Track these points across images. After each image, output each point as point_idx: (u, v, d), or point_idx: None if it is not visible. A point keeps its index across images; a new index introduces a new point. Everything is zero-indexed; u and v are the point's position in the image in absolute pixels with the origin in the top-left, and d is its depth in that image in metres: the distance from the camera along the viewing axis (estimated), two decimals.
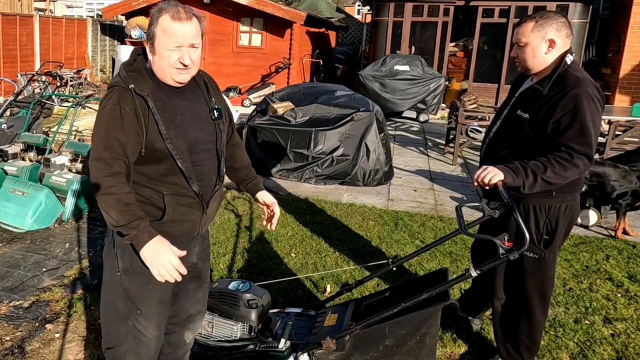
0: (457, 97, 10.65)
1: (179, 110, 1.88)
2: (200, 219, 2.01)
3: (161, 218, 1.91)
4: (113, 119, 1.78)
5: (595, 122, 2.25)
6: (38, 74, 10.09)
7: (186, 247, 2.00)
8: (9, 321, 3.10)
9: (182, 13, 1.78)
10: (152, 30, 1.81)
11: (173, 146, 1.83)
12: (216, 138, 1.99)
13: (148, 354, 2.05)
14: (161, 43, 1.79)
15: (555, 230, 2.46)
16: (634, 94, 11.30)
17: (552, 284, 2.60)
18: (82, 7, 24.82)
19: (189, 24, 1.79)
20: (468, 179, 6.73)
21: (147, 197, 1.90)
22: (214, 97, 2.02)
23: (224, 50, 13.13)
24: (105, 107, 1.80)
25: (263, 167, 6.32)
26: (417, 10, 12.62)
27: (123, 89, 1.81)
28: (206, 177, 1.97)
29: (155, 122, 1.81)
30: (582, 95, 2.24)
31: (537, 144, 2.37)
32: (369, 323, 2.26)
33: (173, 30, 1.77)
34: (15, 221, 4.38)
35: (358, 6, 28.22)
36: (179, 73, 1.84)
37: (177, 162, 1.84)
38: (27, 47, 12.25)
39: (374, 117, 6.22)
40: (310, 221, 4.85)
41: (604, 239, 4.68)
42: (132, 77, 1.83)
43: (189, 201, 1.94)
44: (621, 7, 11.68)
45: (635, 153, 5.40)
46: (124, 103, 1.78)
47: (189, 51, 1.81)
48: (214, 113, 1.99)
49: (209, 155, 1.98)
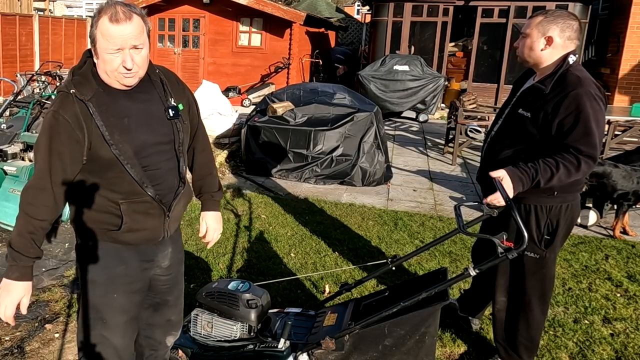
0: (456, 97, 10.66)
1: (126, 113, 1.80)
2: (164, 224, 1.94)
3: (120, 227, 1.85)
4: (52, 128, 1.73)
5: (599, 122, 2.25)
6: (37, 74, 10.06)
7: (154, 253, 1.99)
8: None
9: (121, 14, 1.67)
10: (92, 32, 1.72)
11: (119, 152, 1.75)
12: (173, 138, 1.89)
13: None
14: (102, 47, 1.70)
15: (556, 230, 2.46)
16: (633, 93, 11.30)
17: (552, 284, 2.60)
18: (81, 7, 24.79)
19: (129, 24, 1.68)
20: (467, 178, 6.73)
21: (103, 205, 1.84)
22: (172, 94, 1.91)
23: (224, 50, 13.13)
24: (47, 114, 1.75)
25: (263, 167, 6.32)
26: (417, 10, 12.62)
27: (65, 94, 1.74)
28: (164, 180, 1.89)
29: (98, 127, 1.73)
30: (583, 96, 2.24)
31: (539, 143, 2.37)
32: (368, 323, 2.27)
33: (111, 33, 1.67)
34: (14, 221, 4.36)
35: (357, 6, 28.22)
36: (124, 77, 1.75)
37: (125, 167, 1.77)
38: (27, 47, 12.24)
39: (373, 117, 6.23)
40: (309, 221, 4.85)
41: (604, 238, 4.68)
42: (76, 81, 1.76)
43: (146, 207, 1.86)
44: (620, 7, 11.68)
45: (634, 153, 5.40)
46: (64, 110, 1.72)
47: (132, 53, 1.71)
48: (169, 112, 1.88)
49: (166, 157, 1.89)
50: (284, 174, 6.26)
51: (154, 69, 1.92)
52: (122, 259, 1.92)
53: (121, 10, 1.68)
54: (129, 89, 1.82)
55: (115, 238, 1.87)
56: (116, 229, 1.85)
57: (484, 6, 12.24)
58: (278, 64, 12.69)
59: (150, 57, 1.85)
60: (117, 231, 1.86)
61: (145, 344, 2.23)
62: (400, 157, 7.75)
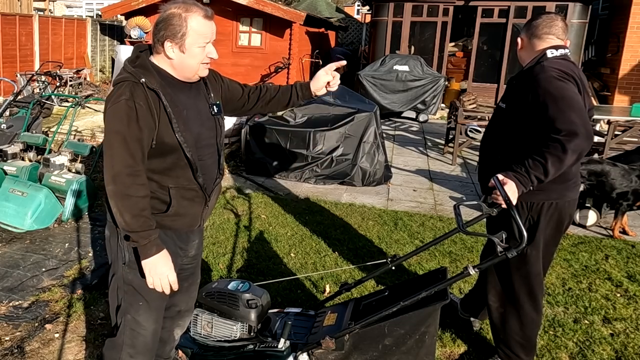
0: (456, 97, 10.66)
1: (184, 105, 1.92)
2: (202, 212, 2.06)
3: (166, 211, 1.95)
4: (129, 115, 1.78)
5: (567, 98, 2.22)
6: (37, 74, 10.09)
7: (187, 240, 2.10)
8: (8, 321, 3.09)
9: (209, 11, 1.87)
10: (178, 29, 1.82)
11: (184, 139, 1.87)
12: (216, 133, 2.04)
13: (144, 348, 2.08)
14: (193, 41, 1.84)
15: (536, 226, 2.48)
16: (633, 93, 11.31)
17: (539, 281, 2.59)
18: (81, 7, 24.79)
19: (213, 20, 1.90)
20: (467, 178, 6.74)
21: (153, 190, 1.91)
22: (212, 92, 2.06)
23: (224, 50, 13.13)
24: (119, 102, 1.79)
25: (263, 167, 6.32)
26: (417, 10, 12.62)
27: (134, 83, 1.81)
28: (208, 171, 2.02)
29: (167, 115, 1.84)
30: (543, 80, 2.30)
31: (516, 133, 2.44)
32: (368, 322, 2.27)
33: (206, 29, 1.85)
34: (14, 221, 4.38)
35: (357, 6, 28.23)
36: (205, 68, 1.93)
37: (186, 154, 1.88)
38: (27, 47, 12.24)
39: (373, 117, 6.23)
40: (309, 221, 4.85)
41: (603, 238, 4.68)
42: (140, 72, 1.84)
43: (192, 194, 1.98)
44: (620, 7, 11.69)
45: (634, 153, 5.41)
46: (137, 97, 1.79)
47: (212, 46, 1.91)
48: (214, 109, 2.03)
49: (210, 151, 2.02)
50: (284, 174, 6.26)
51: None
52: (164, 242, 1.97)
53: (209, 8, 1.88)
54: (184, 83, 1.94)
55: (160, 222, 1.94)
56: (161, 212, 1.94)
57: (484, 6, 12.25)
58: (278, 64, 12.70)
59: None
60: (163, 214, 1.94)
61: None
62: (400, 157, 7.75)
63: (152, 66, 1.89)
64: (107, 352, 2.16)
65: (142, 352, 2.08)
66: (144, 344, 2.08)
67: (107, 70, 15.50)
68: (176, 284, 1.92)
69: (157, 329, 2.11)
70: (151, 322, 2.06)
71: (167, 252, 1.90)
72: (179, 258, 2.10)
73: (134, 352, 2.07)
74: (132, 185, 1.79)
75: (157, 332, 2.12)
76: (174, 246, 2.04)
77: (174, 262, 2.02)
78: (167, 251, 1.93)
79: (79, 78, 12.38)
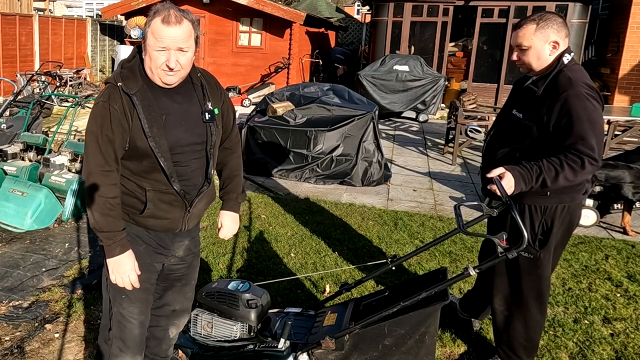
0: (456, 97, 10.66)
1: (165, 110, 1.93)
2: (183, 217, 2.06)
3: (142, 212, 1.99)
4: (102, 117, 1.86)
5: (593, 121, 2.22)
6: (37, 74, 10.07)
7: (172, 241, 2.13)
8: (8, 321, 3.09)
9: (172, 17, 1.81)
10: (145, 30, 1.88)
11: (155, 144, 1.88)
12: (206, 140, 2.02)
13: (132, 339, 2.14)
14: (150, 44, 1.85)
15: (550, 230, 2.45)
16: (633, 93, 11.31)
17: (548, 285, 2.59)
18: (81, 7, 24.80)
19: (178, 27, 1.82)
20: (467, 178, 6.74)
21: (131, 189, 1.98)
22: (210, 98, 2.04)
23: (224, 50, 13.14)
24: (98, 104, 1.89)
25: (263, 167, 6.32)
26: (417, 10, 12.62)
27: (113, 86, 1.89)
28: (191, 177, 2.02)
29: (139, 119, 1.87)
30: (574, 98, 2.22)
31: (534, 143, 2.37)
32: (368, 322, 2.27)
33: (161, 33, 1.82)
34: (14, 221, 4.37)
35: (357, 6, 28.23)
36: (166, 75, 1.88)
37: (158, 160, 1.90)
38: (27, 47, 12.24)
39: (373, 117, 6.23)
40: (309, 221, 4.85)
41: (603, 238, 4.68)
42: (123, 75, 1.89)
43: (170, 199, 2.00)
44: (620, 7, 11.68)
45: (634, 153, 5.40)
46: (113, 100, 1.86)
47: (177, 55, 1.84)
48: (205, 115, 2.01)
49: (196, 157, 2.01)
50: (284, 174, 6.26)
51: (196, 72, 2.05)
52: (143, 239, 2.06)
53: (174, 14, 1.83)
54: (171, 88, 1.94)
55: (138, 221, 2.02)
56: (138, 212, 2.00)
57: (484, 6, 12.25)
58: (278, 64, 12.69)
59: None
60: (139, 214, 2.00)
61: (150, 335, 2.30)
62: (400, 157, 7.75)
63: (141, 69, 1.93)
64: (100, 344, 2.26)
65: (130, 345, 2.14)
66: (132, 337, 2.13)
67: (107, 70, 15.51)
68: (137, 283, 1.97)
69: (144, 321, 2.15)
70: (136, 314, 2.11)
71: (131, 253, 1.95)
72: (163, 257, 2.13)
73: (123, 346, 2.14)
74: (102, 185, 1.86)
75: (143, 325, 2.16)
76: (155, 246, 2.08)
77: (159, 260, 2.10)
78: (142, 250, 2.03)
79: (79, 78, 12.37)
